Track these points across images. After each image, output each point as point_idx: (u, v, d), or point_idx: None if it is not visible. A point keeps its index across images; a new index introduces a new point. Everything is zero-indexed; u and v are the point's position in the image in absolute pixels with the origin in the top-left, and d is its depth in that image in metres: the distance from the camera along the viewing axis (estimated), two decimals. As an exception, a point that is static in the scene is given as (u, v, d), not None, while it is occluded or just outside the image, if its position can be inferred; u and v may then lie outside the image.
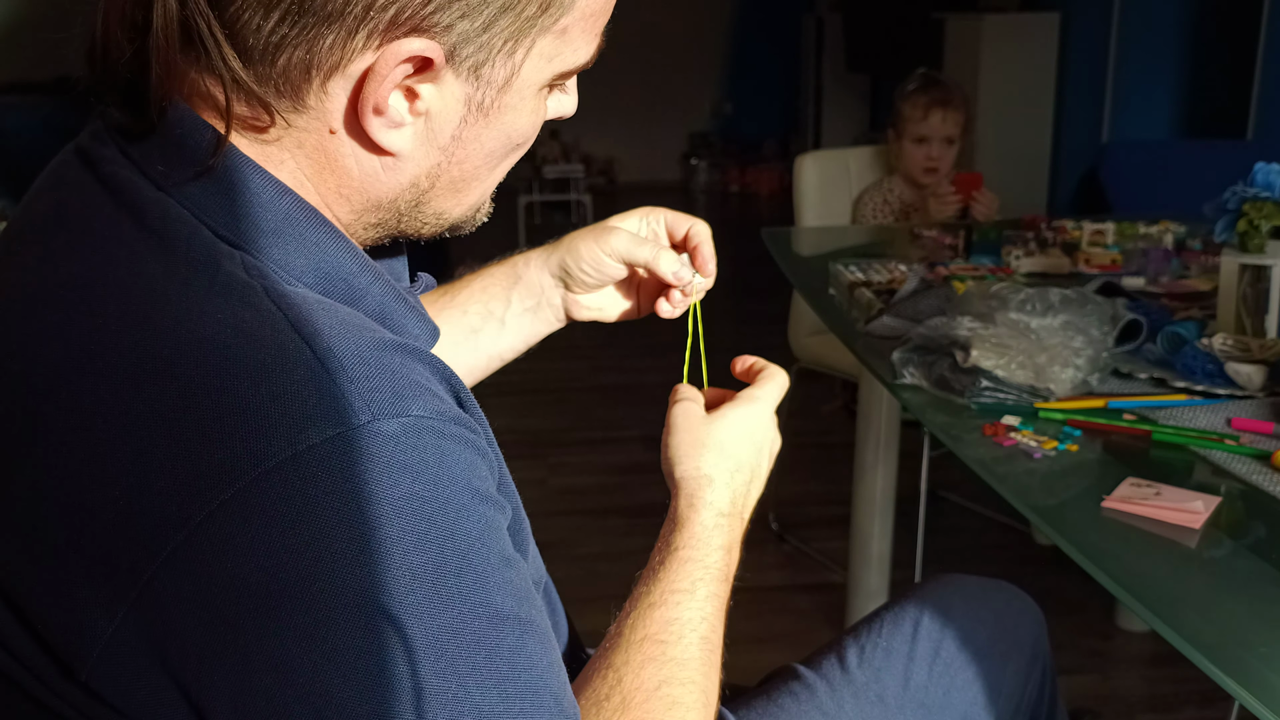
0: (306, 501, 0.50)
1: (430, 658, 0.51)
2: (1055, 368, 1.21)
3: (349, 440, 0.51)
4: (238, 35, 0.57)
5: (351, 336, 0.55)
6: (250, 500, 0.50)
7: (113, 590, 0.51)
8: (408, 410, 0.53)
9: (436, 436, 0.54)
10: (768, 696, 0.94)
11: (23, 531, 0.53)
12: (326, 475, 0.50)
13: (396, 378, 0.54)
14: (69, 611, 0.52)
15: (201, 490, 0.50)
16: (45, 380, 0.54)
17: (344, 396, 0.52)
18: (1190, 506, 0.96)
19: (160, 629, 0.51)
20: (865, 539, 2.12)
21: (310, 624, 0.50)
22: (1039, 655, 1.05)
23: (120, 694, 0.53)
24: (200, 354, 0.52)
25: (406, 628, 0.51)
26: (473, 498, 0.55)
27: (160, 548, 0.50)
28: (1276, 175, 1.34)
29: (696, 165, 7.52)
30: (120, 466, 0.51)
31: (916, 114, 2.44)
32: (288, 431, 0.50)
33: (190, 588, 0.50)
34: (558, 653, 0.59)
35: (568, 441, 3.14)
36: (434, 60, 0.58)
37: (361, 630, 0.50)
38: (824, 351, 2.45)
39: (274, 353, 0.53)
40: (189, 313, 0.54)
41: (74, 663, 0.53)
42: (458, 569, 0.53)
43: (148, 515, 0.50)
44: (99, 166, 0.60)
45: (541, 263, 0.94)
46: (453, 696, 0.52)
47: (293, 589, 0.50)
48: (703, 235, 0.91)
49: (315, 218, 0.61)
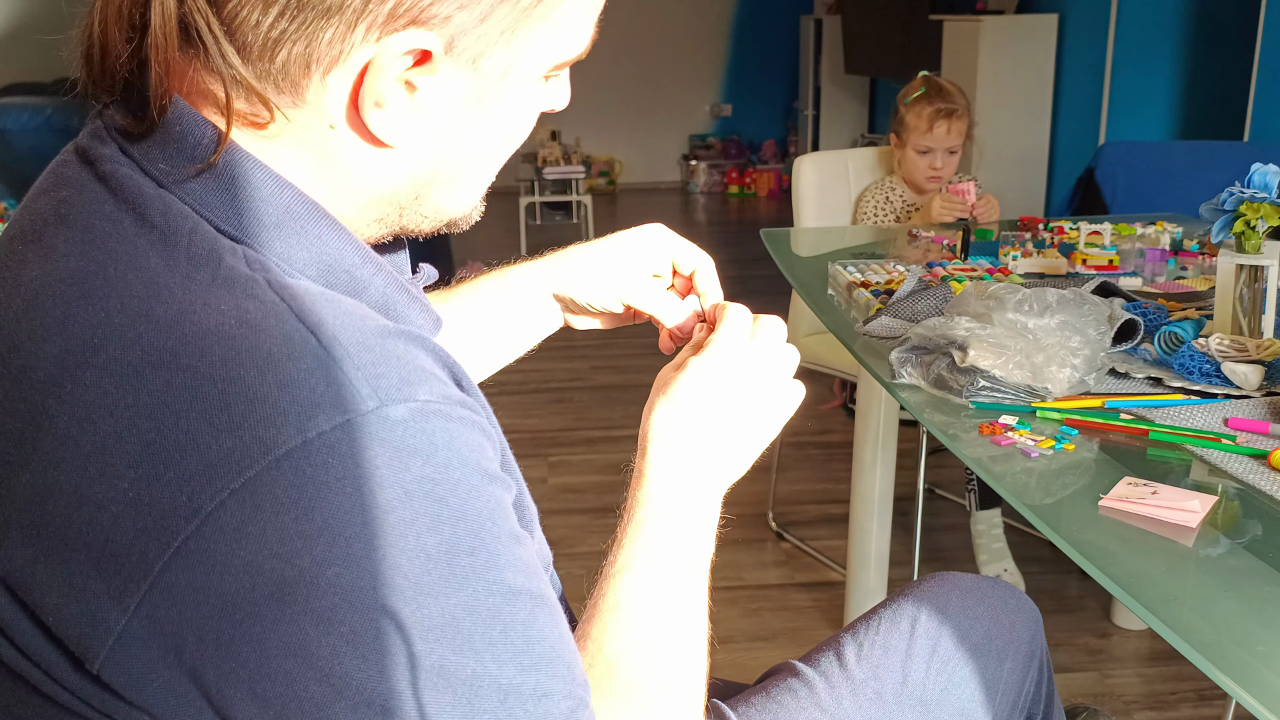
0: (318, 488, 0.51)
1: (447, 636, 0.52)
2: (1052, 367, 1.21)
3: (358, 426, 0.51)
4: (236, 32, 0.57)
5: (355, 324, 0.55)
6: (261, 488, 0.50)
7: (124, 582, 0.51)
8: (414, 395, 0.54)
9: (443, 420, 0.54)
10: (766, 694, 0.95)
11: (31, 526, 0.53)
12: (337, 461, 0.51)
13: (402, 363, 0.55)
14: (81, 604, 0.52)
15: (212, 479, 0.50)
16: (49, 375, 0.54)
17: (351, 383, 0.52)
18: (1187, 505, 0.97)
19: (174, 619, 0.51)
20: (863, 537, 2.13)
21: (327, 608, 0.51)
22: (1035, 652, 1.06)
23: (133, 685, 0.53)
24: (205, 344, 0.53)
25: (423, 608, 0.52)
26: (481, 478, 0.56)
27: (171, 538, 0.50)
28: (1273, 176, 1.35)
29: (696, 166, 7.53)
30: (127, 459, 0.51)
31: (921, 125, 2.44)
32: (297, 419, 0.51)
33: (203, 577, 0.50)
34: (567, 625, 0.60)
35: (568, 441, 3.14)
36: (433, 52, 0.59)
37: (378, 612, 0.51)
38: (823, 351, 2.46)
39: (279, 342, 0.53)
40: (192, 305, 0.54)
41: (86, 656, 0.53)
42: (470, 548, 0.54)
43: (157, 506, 0.51)
44: (99, 165, 0.60)
45: (544, 283, 0.94)
46: (471, 673, 0.53)
47: (308, 575, 0.50)
48: (710, 280, 0.89)
49: (316, 211, 0.61)
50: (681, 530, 0.72)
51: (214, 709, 0.53)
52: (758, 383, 0.77)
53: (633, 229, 0.92)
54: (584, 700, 0.58)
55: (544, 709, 0.55)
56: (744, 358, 0.77)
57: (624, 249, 0.91)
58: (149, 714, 0.54)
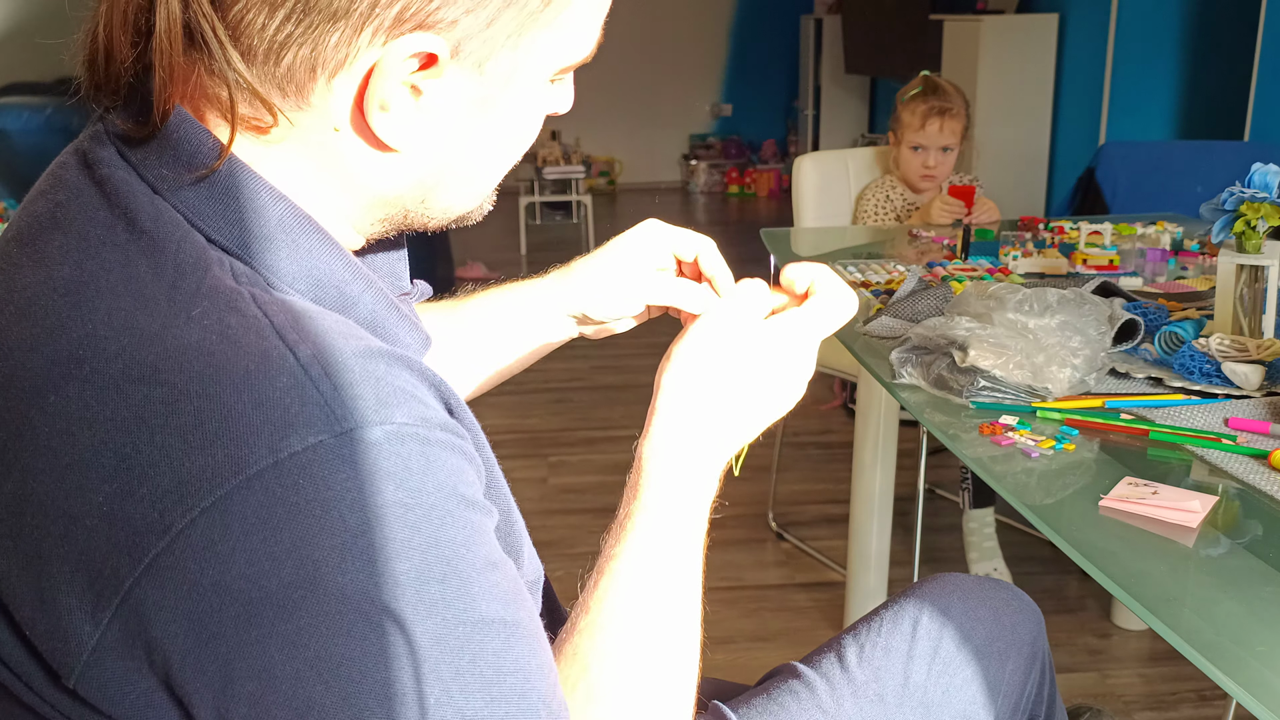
0: (288, 509, 0.50)
1: (414, 664, 0.51)
2: (1053, 367, 1.21)
3: (331, 447, 0.51)
4: (241, 36, 0.57)
5: (336, 343, 0.55)
6: (232, 507, 0.49)
7: (97, 597, 0.51)
8: (391, 417, 0.53)
9: (420, 443, 0.53)
10: (767, 695, 0.94)
11: (9, 537, 0.53)
12: (309, 482, 0.50)
13: (380, 384, 0.54)
14: (54, 618, 0.52)
15: (183, 497, 0.50)
16: (34, 385, 0.54)
17: (327, 404, 0.52)
18: (1187, 506, 0.97)
19: (145, 635, 0.51)
20: (864, 537, 2.13)
21: (293, 631, 0.50)
22: (1037, 653, 1.06)
23: (109, 700, 0.53)
24: (185, 360, 0.52)
25: (389, 634, 0.51)
26: (458, 504, 0.55)
27: (143, 554, 0.50)
28: (1273, 176, 1.35)
29: (696, 166, 7.53)
30: (104, 473, 0.51)
31: (915, 122, 2.45)
32: (270, 438, 0.50)
33: (173, 594, 0.50)
34: (548, 652, 0.58)
35: (568, 441, 3.14)
36: (438, 56, 0.58)
37: (344, 637, 0.50)
38: (823, 351, 2.43)
39: (258, 359, 0.52)
40: (175, 318, 0.54)
41: (62, 670, 0.53)
42: (441, 575, 0.52)
43: (130, 522, 0.50)
44: (96, 168, 0.60)
45: (557, 301, 0.91)
46: (436, 702, 0.52)
47: (275, 596, 0.50)
48: (716, 261, 0.87)
49: (309, 224, 0.61)
50: (678, 519, 0.70)
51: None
52: (769, 352, 0.75)
53: (627, 231, 0.91)
54: None
55: None
56: (756, 326, 0.75)
57: (626, 252, 0.90)
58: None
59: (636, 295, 0.89)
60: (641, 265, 0.89)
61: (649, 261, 0.89)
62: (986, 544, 2.30)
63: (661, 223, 0.91)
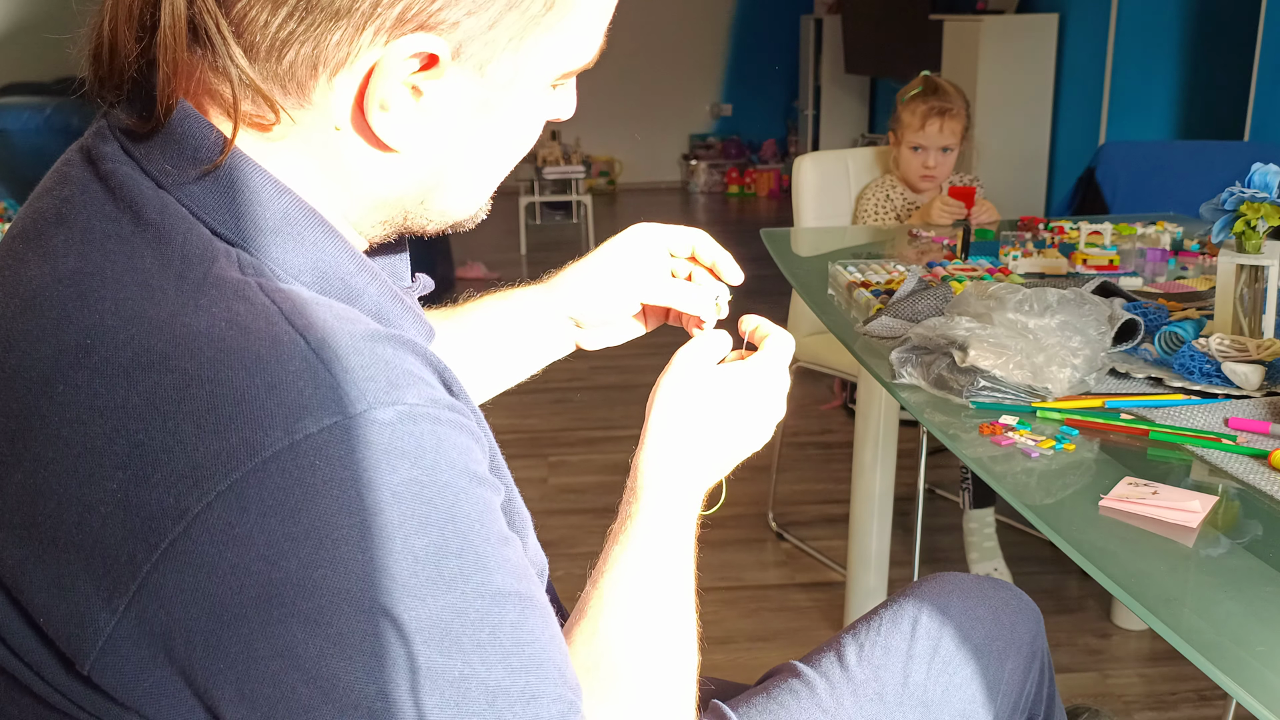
0: (305, 490, 0.51)
1: (435, 638, 0.52)
2: (1053, 367, 1.21)
3: (345, 429, 0.52)
4: (244, 32, 0.57)
5: (345, 328, 0.55)
6: (248, 490, 0.50)
7: (113, 583, 0.51)
8: (402, 398, 0.54)
9: (431, 423, 0.54)
10: (768, 694, 0.95)
11: (22, 527, 0.53)
12: (324, 464, 0.51)
13: (390, 367, 0.55)
14: (70, 605, 0.52)
15: (199, 481, 0.50)
16: (42, 375, 0.54)
17: (339, 386, 0.52)
18: (1187, 506, 0.97)
19: (162, 621, 0.51)
20: (864, 537, 2.13)
21: (314, 610, 0.51)
22: (1037, 653, 1.06)
23: (123, 687, 0.53)
24: (195, 346, 0.53)
25: (410, 610, 0.52)
26: (469, 480, 0.56)
27: (159, 540, 0.50)
28: (1273, 176, 1.35)
29: (696, 166, 7.53)
30: (116, 460, 0.51)
31: (914, 122, 2.45)
32: (284, 421, 0.51)
33: (191, 579, 0.50)
34: (557, 626, 0.60)
35: (568, 441, 3.14)
36: (440, 57, 0.59)
37: (366, 614, 0.51)
38: (823, 351, 2.46)
39: (269, 344, 0.53)
40: (184, 307, 0.54)
41: (76, 657, 0.53)
42: (458, 550, 0.53)
43: (145, 508, 0.51)
44: (100, 164, 0.60)
45: (553, 305, 0.94)
46: (459, 674, 0.53)
47: (295, 577, 0.50)
48: (713, 249, 0.90)
49: (313, 217, 0.62)
50: (671, 527, 0.73)
51: (205, 709, 0.53)
52: (765, 398, 0.80)
53: (618, 234, 0.93)
54: (574, 704, 0.57)
55: (533, 711, 0.55)
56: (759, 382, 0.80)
57: (620, 253, 0.92)
58: (139, 715, 0.54)
59: (629, 295, 0.91)
60: (633, 265, 0.91)
61: (641, 261, 0.91)
62: (987, 544, 2.30)
63: (651, 224, 0.92)
